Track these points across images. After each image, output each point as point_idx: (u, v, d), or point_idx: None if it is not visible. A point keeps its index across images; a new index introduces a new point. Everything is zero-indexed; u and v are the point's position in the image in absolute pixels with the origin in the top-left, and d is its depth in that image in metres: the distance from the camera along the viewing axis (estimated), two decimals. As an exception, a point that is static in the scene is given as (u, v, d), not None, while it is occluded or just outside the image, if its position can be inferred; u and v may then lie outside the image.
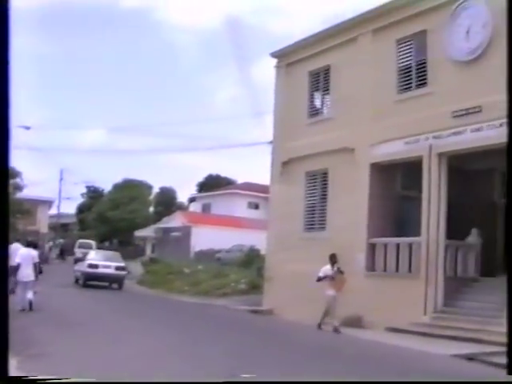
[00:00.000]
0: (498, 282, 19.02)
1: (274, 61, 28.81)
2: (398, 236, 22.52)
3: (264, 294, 27.88)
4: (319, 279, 20.60)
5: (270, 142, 28.89)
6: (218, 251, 51.74)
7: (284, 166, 27.34)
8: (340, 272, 20.60)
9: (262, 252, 35.04)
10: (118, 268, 35.42)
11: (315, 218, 25.71)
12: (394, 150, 22.35)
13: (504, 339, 16.67)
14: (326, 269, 20.58)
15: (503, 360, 14.71)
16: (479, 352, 15.63)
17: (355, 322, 21.62)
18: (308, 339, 18.73)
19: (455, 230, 21.17)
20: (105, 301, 27.84)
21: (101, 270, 34.56)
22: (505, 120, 18.41)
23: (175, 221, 66.00)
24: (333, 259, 20.67)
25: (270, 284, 27.06)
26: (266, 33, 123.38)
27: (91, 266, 34.71)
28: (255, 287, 32.64)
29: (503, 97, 18.08)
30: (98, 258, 36.04)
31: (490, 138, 19.17)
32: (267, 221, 29.73)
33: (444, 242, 20.77)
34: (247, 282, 34.83)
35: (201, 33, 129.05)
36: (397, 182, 23.97)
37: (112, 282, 35.56)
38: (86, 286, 34.39)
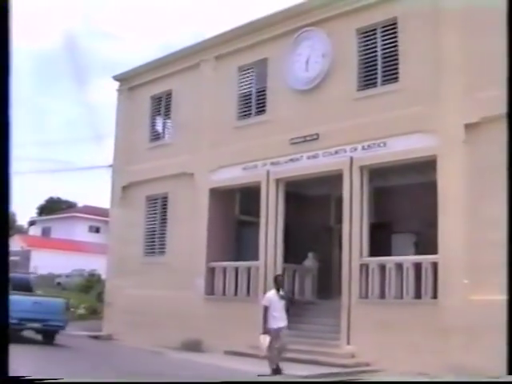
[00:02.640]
0: (333, 304, 18.80)
1: (116, 84, 27.55)
2: (237, 260, 21.79)
3: (104, 320, 26.40)
4: (266, 309, 15.21)
5: (111, 166, 27.59)
6: (58, 276, 49.33)
7: (124, 189, 26.03)
8: (289, 299, 16.34)
9: (104, 277, 33.55)
10: None
11: (155, 243, 24.57)
12: (232, 175, 21.71)
13: (340, 361, 16.64)
14: (271, 295, 15.56)
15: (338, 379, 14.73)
16: (316, 374, 15.12)
17: (194, 346, 20.75)
18: (142, 364, 17.61)
19: (293, 253, 20.79)
20: None
21: None
22: (340, 148, 18.64)
23: (14, 244, 62.66)
24: (278, 283, 15.94)
25: (110, 309, 25.61)
26: (103, 57, 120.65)
27: None
28: (95, 312, 31.26)
29: (339, 125, 18.23)
30: None
31: (326, 165, 19.06)
32: (107, 245, 28.36)
33: (281, 266, 20.23)
34: (87, 307, 33.35)
35: (37, 54, 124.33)
36: (235, 207, 23.34)
37: None
38: None
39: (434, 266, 16.07)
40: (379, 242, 18.60)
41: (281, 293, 15.52)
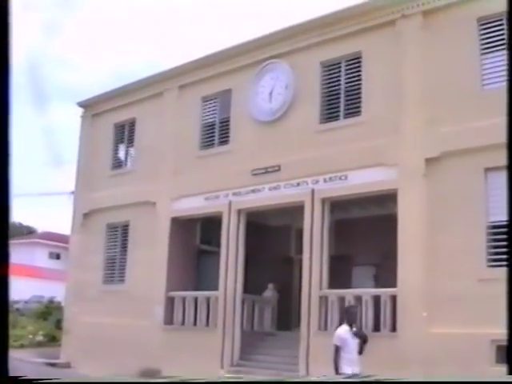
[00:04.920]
0: (293, 335, 18.54)
1: (80, 110, 27.09)
2: (197, 290, 21.42)
3: (62, 347, 25.73)
4: (337, 350, 12.11)
5: (72, 192, 27.09)
6: (17, 302, 48.36)
7: (85, 216, 25.50)
8: (364, 338, 12.40)
9: (63, 304, 32.95)
10: None
11: (115, 271, 24.05)
12: (194, 205, 21.39)
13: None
14: (344, 332, 12.21)
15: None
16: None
17: (152, 375, 20.22)
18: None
19: (253, 284, 20.51)
20: None
21: None
22: (301, 179, 18.51)
23: (-27, 270, 61.42)
24: (351, 316, 12.63)
25: (68, 336, 24.97)
26: (64, 83, 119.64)
27: None
28: (53, 339, 30.45)
29: (301, 157, 18.11)
30: None
31: (287, 196, 18.89)
32: (67, 272, 27.78)
33: (241, 296, 19.91)
34: (45, 334, 32.51)
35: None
36: (197, 237, 22.94)
37: None
38: None
39: (393, 298, 15.91)
40: (339, 274, 18.44)
41: (354, 329, 12.37)
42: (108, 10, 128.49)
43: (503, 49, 15.00)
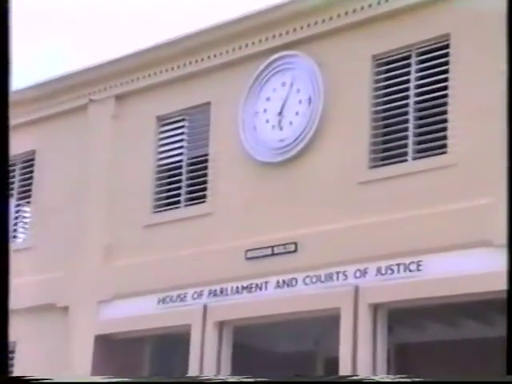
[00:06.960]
0: None
1: None
2: None
3: None
4: None
5: None
6: None
7: None
8: None
9: None
10: None
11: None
12: (140, 311, 20.83)
13: None
14: None
15: None
16: None
17: None
18: None
19: None
20: None
21: None
22: (334, 269, 17.61)
23: None
24: None
25: None
26: None
27: None
28: None
29: (333, 228, 17.27)
30: None
31: (309, 298, 18.20)
32: None
33: None
34: None
35: None
36: (144, 370, 22.32)
37: None
38: None
39: None
40: None
41: None
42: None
43: None
